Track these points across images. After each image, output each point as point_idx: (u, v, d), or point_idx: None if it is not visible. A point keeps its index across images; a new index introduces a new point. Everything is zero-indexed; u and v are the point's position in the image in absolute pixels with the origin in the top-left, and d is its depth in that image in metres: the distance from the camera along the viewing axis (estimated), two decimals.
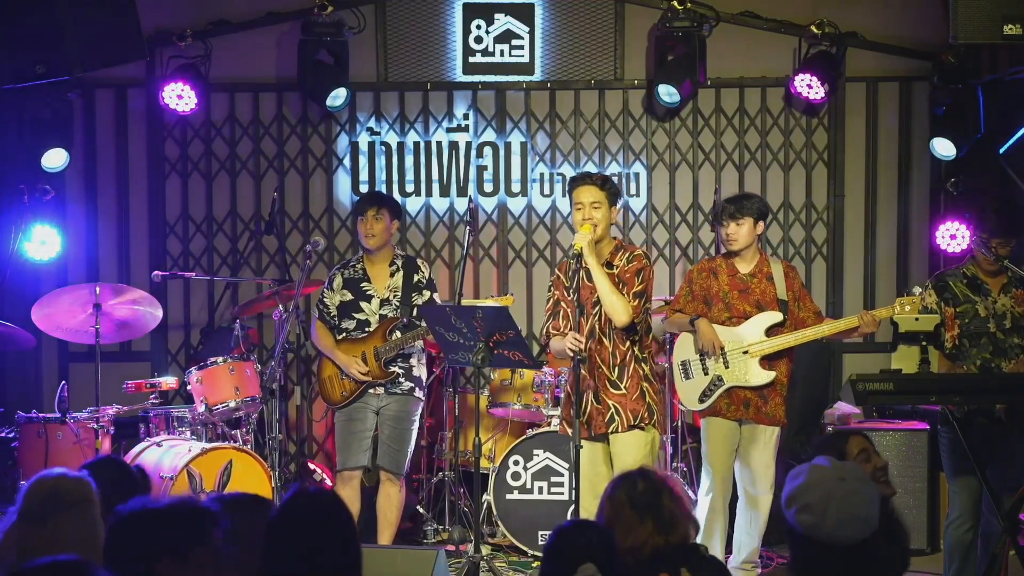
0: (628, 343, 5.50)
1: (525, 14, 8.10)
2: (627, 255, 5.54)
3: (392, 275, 6.48)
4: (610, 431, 5.47)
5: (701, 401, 5.94)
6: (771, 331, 5.91)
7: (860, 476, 3.02)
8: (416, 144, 8.16)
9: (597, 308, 5.49)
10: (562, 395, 6.31)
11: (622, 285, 5.44)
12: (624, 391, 5.47)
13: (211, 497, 3.75)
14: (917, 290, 5.69)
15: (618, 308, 5.37)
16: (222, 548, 2.94)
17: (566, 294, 5.52)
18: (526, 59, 8.12)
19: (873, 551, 2.96)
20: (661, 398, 5.66)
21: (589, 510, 5.44)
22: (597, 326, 5.51)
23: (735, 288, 5.99)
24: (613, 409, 5.46)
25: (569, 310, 5.48)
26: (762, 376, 5.87)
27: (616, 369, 5.49)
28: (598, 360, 5.49)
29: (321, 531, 3.15)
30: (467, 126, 8.17)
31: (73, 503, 3.43)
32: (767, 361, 5.89)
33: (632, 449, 5.43)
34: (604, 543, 3.29)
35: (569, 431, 5.45)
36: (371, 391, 6.41)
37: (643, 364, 5.53)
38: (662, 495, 3.34)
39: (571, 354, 5.31)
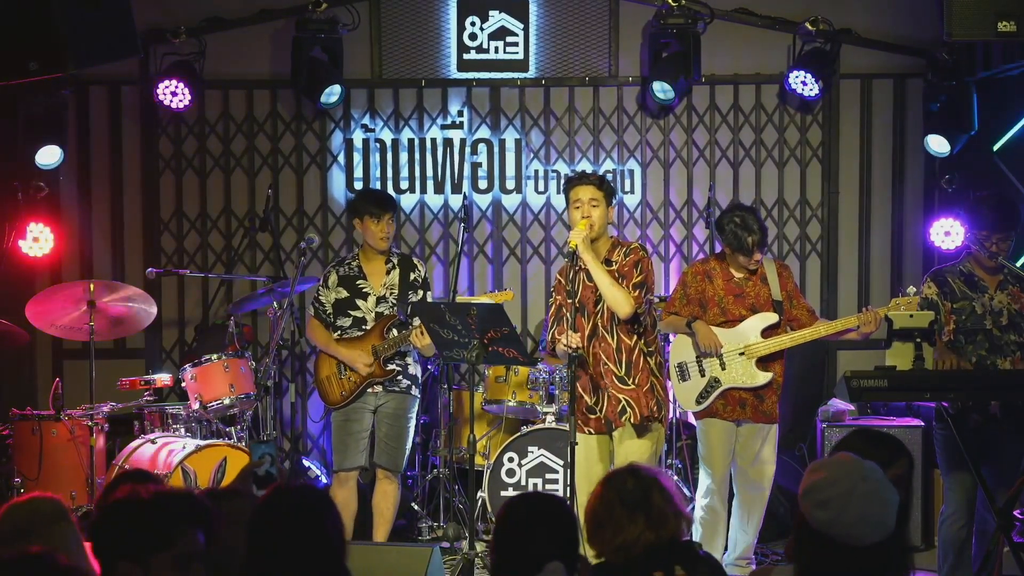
0: (635, 337, 5.50)
1: (519, 11, 8.08)
2: (624, 249, 5.56)
3: (388, 272, 6.47)
4: (622, 420, 5.45)
5: (698, 403, 5.94)
6: (767, 332, 5.92)
7: (881, 477, 2.93)
8: (411, 141, 8.15)
9: (599, 306, 5.49)
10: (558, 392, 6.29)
11: (621, 279, 5.44)
12: (634, 386, 5.47)
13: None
14: (912, 290, 5.69)
15: (619, 300, 5.37)
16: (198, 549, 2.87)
17: (567, 298, 5.49)
18: (520, 56, 8.11)
19: (885, 555, 2.88)
20: (666, 394, 5.66)
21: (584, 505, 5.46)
22: (600, 324, 5.50)
23: (730, 292, 5.99)
24: (624, 402, 5.45)
25: (567, 312, 5.46)
26: (760, 377, 5.87)
27: (623, 365, 5.48)
28: (603, 357, 5.48)
29: (304, 530, 3.02)
30: (461, 123, 8.16)
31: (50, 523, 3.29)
32: (762, 362, 5.90)
33: (638, 450, 5.43)
34: (554, 513, 3.36)
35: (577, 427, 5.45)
36: (369, 390, 6.38)
37: (650, 358, 5.54)
38: (652, 492, 3.33)
39: (568, 351, 5.32)
